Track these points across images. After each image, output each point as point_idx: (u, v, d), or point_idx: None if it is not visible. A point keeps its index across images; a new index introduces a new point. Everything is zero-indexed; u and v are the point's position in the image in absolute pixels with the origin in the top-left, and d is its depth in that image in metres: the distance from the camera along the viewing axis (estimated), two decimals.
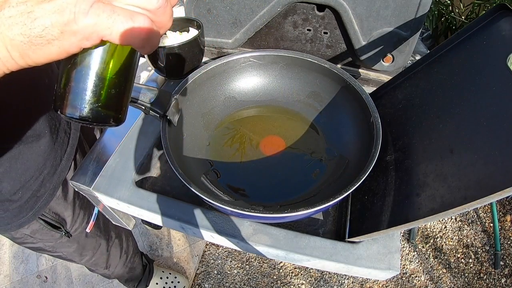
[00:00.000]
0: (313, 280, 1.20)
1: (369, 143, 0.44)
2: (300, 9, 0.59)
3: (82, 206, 0.62)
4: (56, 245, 0.63)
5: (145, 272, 1.08)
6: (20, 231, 0.55)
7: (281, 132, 0.56)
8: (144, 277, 1.08)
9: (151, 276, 1.13)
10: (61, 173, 0.55)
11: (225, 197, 0.47)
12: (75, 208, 0.61)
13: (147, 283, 1.11)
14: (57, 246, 0.63)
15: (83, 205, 0.63)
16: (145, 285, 1.11)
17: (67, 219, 0.60)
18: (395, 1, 0.52)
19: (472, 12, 1.32)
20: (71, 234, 0.62)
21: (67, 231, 0.61)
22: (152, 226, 1.27)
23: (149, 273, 1.11)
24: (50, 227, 0.57)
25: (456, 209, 0.31)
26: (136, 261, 0.97)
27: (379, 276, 0.43)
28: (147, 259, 1.13)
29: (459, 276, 1.19)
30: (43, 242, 0.60)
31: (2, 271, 1.30)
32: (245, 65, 0.57)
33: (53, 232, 0.59)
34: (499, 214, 1.31)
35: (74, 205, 0.60)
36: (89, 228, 0.65)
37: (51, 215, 0.57)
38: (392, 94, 0.53)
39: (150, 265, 1.13)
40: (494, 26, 0.39)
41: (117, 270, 0.88)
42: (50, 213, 0.57)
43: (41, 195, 0.53)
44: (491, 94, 0.35)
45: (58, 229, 0.59)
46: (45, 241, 0.61)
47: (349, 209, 0.48)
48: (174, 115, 0.47)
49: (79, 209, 0.62)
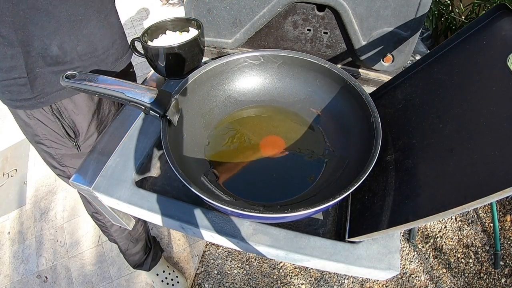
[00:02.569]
0: (313, 280, 1.20)
1: (369, 143, 0.44)
2: (300, 9, 0.59)
3: (98, 127, 0.68)
4: (65, 155, 0.68)
5: (148, 255, 1.07)
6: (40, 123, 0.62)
7: (281, 132, 0.56)
8: (147, 259, 1.08)
9: (155, 264, 1.12)
10: (120, 63, 0.65)
11: (225, 197, 0.47)
12: (90, 125, 0.66)
13: (150, 268, 1.11)
14: (65, 158, 0.68)
15: (99, 125, 0.68)
16: (147, 269, 1.10)
17: (82, 132, 0.65)
18: (395, 1, 0.52)
19: (472, 12, 1.32)
20: (80, 149, 0.67)
21: (78, 144, 0.66)
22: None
23: (153, 259, 1.10)
24: (65, 133, 0.64)
25: (456, 209, 0.31)
26: (140, 230, 0.97)
27: (379, 276, 0.43)
28: (156, 247, 1.12)
29: (459, 276, 1.19)
30: (54, 148, 0.66)
31: (2, 271, 1.30)
32: (245, 65, 0.57)
33: (65, 140, 0.65)
34: (499, 214, 1.31)
35: (90, 123, 0.66)
36: None
37: (69, 121, 0.63)
38: (392, 94, 0.53)
39: (158, 252, 1.13)
40: (494, 26, 0.39)
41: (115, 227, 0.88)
42: (69, 120, 0.62)
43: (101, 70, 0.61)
44: (491, 94, 0.35)
45: (71, 138, 0.65)
46: (56, 148, 0.67)
47: (349, 209, 0.48)
48: (174, 115, 0.47)
49: (94, 128, 0.67)
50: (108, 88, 0.44)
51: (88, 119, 0.66)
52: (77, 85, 0.45)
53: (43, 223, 1.40)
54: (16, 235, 1.40)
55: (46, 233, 1.38)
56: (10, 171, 1.60)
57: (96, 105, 0.66)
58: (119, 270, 1.23)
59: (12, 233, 1.41)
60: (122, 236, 0.93)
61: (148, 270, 1.11)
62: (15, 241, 1.38)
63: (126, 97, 0.44)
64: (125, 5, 2.56)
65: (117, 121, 0.58)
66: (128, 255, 1.04)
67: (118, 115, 0.59)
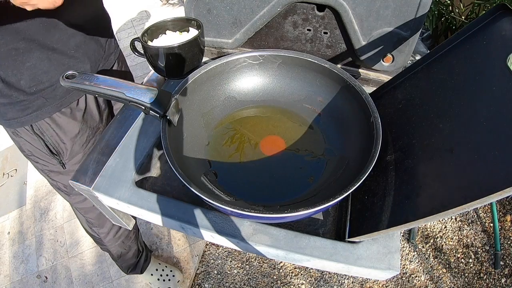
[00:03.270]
0: (313, 280, 1.20)
1: (369, 143, 0.44)
2: (300, 9, 0.59)
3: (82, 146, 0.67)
4: (52, 172, 0.69)
5: (140, 257, 1.07)
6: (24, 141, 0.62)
7: (281, 132, 0.56)
8: (139, 262, 1.08)
9: (147, 265, 1.12)
10: (73, 95, 0.62)
11: (225, 197, 0.47)
12: (74, 145, 0.66)
13: (142, 270, 1.11)
14: (52, 173, 0.69)
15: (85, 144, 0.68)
16: (140, 272, 1.10)
17: (66, 151, 0.65)
18: (395, 1, 0.52)
19: (472, 12, 1.32)
20: (66, 167, 0.67)
21: (62, 162, 0.66)
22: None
23: (144, 260, 1.10)
24: (48, 151, 0.64)
25: (456, 209, 0.31)
26: (132, 238, 0.96)
27: (379, 276, 0.43)
28: (146, 248, 1.12)
29: (459, 276, 1.19)
30: (42, 163, 0.67)
31: (2, 271, 1.30)
32: (245, 65, 0.57)
33: (50, 157, 0.65)
34: (499, 214, 1.31)
35: (74, 142, 0.65)
36: None
37: (52, 140, 0.62)
38: (392, 94, 0.53)
39: (148, 253, 1.13)
40: (494, 26, 0.39)
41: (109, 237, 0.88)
42: (52, 139, 0.62)
43: (50, 101, 0.59)
44: (491, 94, 0.35)
45: (55, 156, 0.65)
46: (43, 164, 0.68)
47: (349, 209, 0.48)
48: (174, 115, 0.47)
49: (78, 147, 0.66)
50: (108, 88, 0.44)
51: (72, 138, 0.65)
52: (77, 85, 0.45)
53: (43, 223, 1.40)
54: (16, 235, 1.40)
55: (46, 233, 1.38)
56: (10, 171, 1.60)
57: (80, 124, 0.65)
58: (119, 270, 1.23)
59: (12, 233, 1.41)
60: (115, 245, 0.92)
61: (141, 272, 1.11)
62: (15, 241, 1.38)
63: (126, 97, 0.44)
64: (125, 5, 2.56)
65: (117, 121, 0.58)
66: (121, 262, 1.03)
67: (118, 115, 0.59)
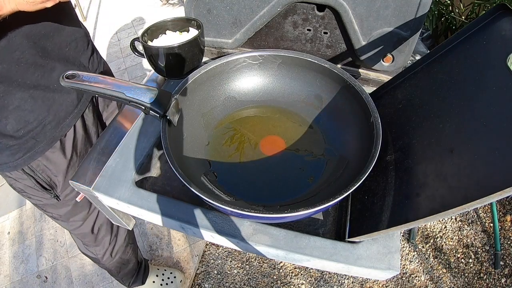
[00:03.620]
0: (313, 280, 1.20)
1: (369, 143, 0.44)
2: (300, 9, 0.59)
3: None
4: (46, 205, 0.68)
5: (139, 269, 1.06)
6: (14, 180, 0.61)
7: (281, 132, 0.56)
8: (139, 274, 1.07)
9: (147, 274, 1.12)
10: (62, 128, 0.61)
11: (225, 197, 0.47)
12: (67, 175, 0.64)
13: (143, 281, 1.10)
14: (47, 206, 0.68)
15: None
16: (141, 283, 1.10)
17: (58, 184, 0.64)
18: (395, 1, 0.52)
19: (472, 12, 1.32)
20: (60, 198, 0.66)
21: (56, 195, 0.65)
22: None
23: (144, 270, 1.09)
24: (40, 187, 0.62)
25: (456, 209, 0.31)
26: (129, 252, 0.95)
27: (379, 276, 0.43)
28: (144, 259, 1.11)
29: (459, 276, 1.19)
30: (35, 199, 0.66)
31: (2, 271, 1.30)
32: (245, 65, 0.57)
33: (43, 193, 0.64)
34: (499, 214, 1.31)
35: (66, 173, 0.64)
36: (79, 198, 0.66)
37: (43, 176, 0.61)
38: (392, 94, 0.53)
39: (146, 263, 1.12)
40: (494, 26, 0.39)
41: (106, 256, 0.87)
42: (43, 175, 0.61)
43: (40, 140, 0.58)
44: (491, 94, 0.35)
45: (48, 190, 0.63)
46: (36, 199, 0.66)
47: (349, 209, 0.48)
48: (174, 115, 0.47)
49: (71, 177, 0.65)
50: (108, 88, 0.44)
51: (64, 171, 0.64)
52: (77, 85, 0.45)
53: (43, 223, 1.40)
54: (16, 235, 1.40)
55: (46, 233, 1.38)
56: None
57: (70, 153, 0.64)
58: None
59: (12, 233, 1.41)
60: (112, 262, 0.91)
61: (142, 283, 1.11)
62: (15, 241, 1.38)
63: (126, 97, 0.44)
64: (125, 5, 2.56)
65: (117, 121, 0.58)
66: (121, 276, 1.02)
67: (118, 115, 0.59)
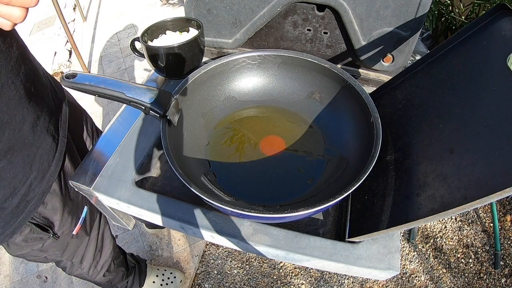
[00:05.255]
0: (313, 280, 1.20)
1: (369, 143, 0.44)
2: (300, 9, 0.59)
3: (71, 212, 0.64)
4: (44, 247, 0.64)
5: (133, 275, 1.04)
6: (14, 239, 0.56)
7: (281, 132, 0.56)
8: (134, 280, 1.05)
9: (144, 276, 1.10)
10: (49, 178, 0.56)
11: (225, 197, 0.47)
12: (63, 213, 0.62)
13: (141, 284, 1.09)
14: (45, 248, 0.65)
15: (71, 210, 0.64)
16: (139, 286, 1.08)
17: (55, 222, 0.62)
18: (395, 1, 0.52)
19: (472, 12, 1.32)
20: (58, 236, 0.63)
21: (55, 233, 0.62)
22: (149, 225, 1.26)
23: (139, 274, 1.07)
24: (39, 230, 0.59)
25: (456, 209, 0.31)
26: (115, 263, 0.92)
27: (379, 276, 0.43)
28: (137, 259, 1.09)
29: (459, 276, 1.19)
30: (31, 245, 0.61)
31: (2, 271, 1.30)
32: (245, 65, 0.57)
33: (42, 235, 0.60)
34: (499, 214, 1.31)
35: (63, 211, 0.62)
36: (75, 231, 0.66)
37: (40, 219, 0.58)
38: (392, 94, 0.53)
39: (142, 265, 1.10)
40: (494, 26, 0.39)
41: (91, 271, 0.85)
42: (40, 217, 0.58)
43: (30, 199, 0.54)
44: (491, 94, 0.35)
45: (46, 231, 0.60)
46: (34, 256, 0.63)
47: (349, 209, 0.48)
48: (174, 115, 0.47)
49: (67, 215, 0.63)
50: (108, 88, 0.44)
51: (60, 209, 0.61)
52: (77, 85, 0.45)
53: None
54: None
55: None
56: None
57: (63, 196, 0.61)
58: None
59: None
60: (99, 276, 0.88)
61: (140, 286, 1.09)
62: None
63: (126, 97, 0.44)
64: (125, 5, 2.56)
65: (117, 121, 0.58)
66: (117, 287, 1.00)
67: (118, 115, 0.59)
